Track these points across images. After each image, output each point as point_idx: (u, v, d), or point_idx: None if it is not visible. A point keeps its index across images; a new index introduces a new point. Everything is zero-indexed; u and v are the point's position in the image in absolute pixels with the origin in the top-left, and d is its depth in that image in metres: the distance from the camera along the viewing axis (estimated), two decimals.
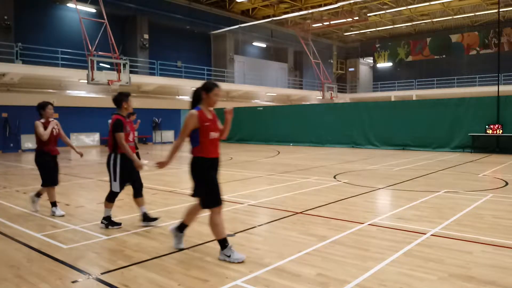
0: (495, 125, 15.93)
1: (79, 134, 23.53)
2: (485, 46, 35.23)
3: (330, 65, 42.09)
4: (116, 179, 5.23)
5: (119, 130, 5.15)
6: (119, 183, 5.25)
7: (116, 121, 5.21)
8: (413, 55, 39.24)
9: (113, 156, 5.24)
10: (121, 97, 5.39)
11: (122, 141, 5.12)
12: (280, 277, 3.63)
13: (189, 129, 4.06)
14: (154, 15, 27.24)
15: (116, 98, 5.40)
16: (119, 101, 5.38)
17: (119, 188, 5.27)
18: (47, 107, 6.41)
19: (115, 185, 5.25)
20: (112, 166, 5.23)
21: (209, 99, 4.17)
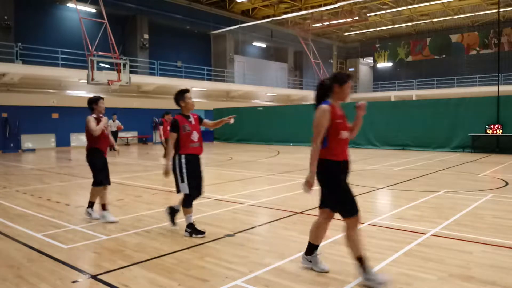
0: (495, 125, 15.93)
1: (79, 134, 23.50)
2: (485, 46, 35.22)
3: (330, 65, 42.07)
4: (183, 180, 4.90)
5: (172, 130, 4.90)
6: (187, 184, 4.91)
7: (172, 121, 4.96)
8: (413, 55, 39.23)
9: (178, 157, 4.95)
10: (178, 96, 5.08)
11: (171, 141, 4.91)
12: (280, 277, 3.63)
13: (324, 128, 3.49)
14: (154, 15, 27.24)
15: (174, 97, 5.11)
16: (177, 100, 5.08)
17: (188, 189, 4.91)
18: (99, 101, 6.14)
19: (184, 186, 4.91)
20: (178, 168, 4.93)
21: (342, 93, 3.63)
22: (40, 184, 9.46)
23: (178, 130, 4.89)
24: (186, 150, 4.91)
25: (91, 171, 6.11)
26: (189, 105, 5.03)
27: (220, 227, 5.37)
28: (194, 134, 4.98)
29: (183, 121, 4.96)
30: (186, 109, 5.04)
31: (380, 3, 30.00)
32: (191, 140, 4.95)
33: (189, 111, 5.07)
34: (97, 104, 6.11)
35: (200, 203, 6.97)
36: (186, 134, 4.91)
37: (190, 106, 5.04)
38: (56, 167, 13.54)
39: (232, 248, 4.49)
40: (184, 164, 4.88)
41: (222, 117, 5.40)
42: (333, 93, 3.61)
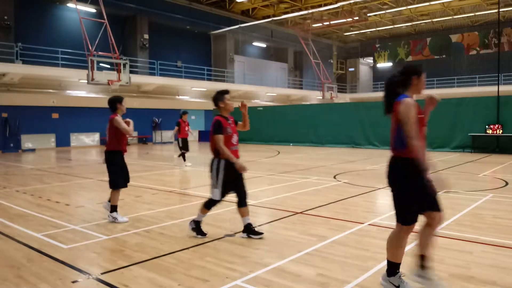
0: (495, 125, 15.93)
1: (79, 134, 23.53)
2: (485, 46, 35.22)
3: (330, 65, 42.08)
4: (217, 186, 4.71)
5: (217, 132, 4.69)
6: (220, 191, 4.72)
7: (215, 122, 4.76)
8: (413, 55, 39.23)
9: (217, 161, 4.76)
10: (217, 96, 4.87)
11: (220, 144, 4.67)
12: (280, 277, 3.63)
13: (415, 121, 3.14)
14: (154, 15, 27.24)
15: (213, 97, 4.92)
16: (216, 100, 4.88)
17: (219, 196, 4.74)
18: (123, 101, 5.86)
19: (216, 192, 4.74)
20: (215, 172, 4.74)
21: (421, 84, 3.37)
22: (40, 184, 9.46)
23: (222, 132, 4.70)
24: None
25: (111, 172, 5.81)
26: (229, 106, 4.86)
27: (220, 227, 5.37)
28: (234, 137, 4.84)
29: (225, 123, 4.80)
30: (226, 110, 4.87)
31: (380, 3, 30.00)
32: (231, 143, 4.79)
33: (228, 112, 4.90)
34: (121, 103, 5.82)
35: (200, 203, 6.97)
36: (227, 137, 4.74)
37: (230, 107, 4.87)
38: (56, 167, 13.54)
39: (232, 248, 4.49)
40: (223, 170, 4.68)
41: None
42: (411, 85, 3.33)
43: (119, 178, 5.80)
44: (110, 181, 5.81)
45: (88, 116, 23.34)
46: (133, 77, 21.13)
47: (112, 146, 5.78)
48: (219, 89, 5.13)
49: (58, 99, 22.40)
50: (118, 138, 5.75)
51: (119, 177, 5.80)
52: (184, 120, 13.00)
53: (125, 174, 5.91)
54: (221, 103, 4.85)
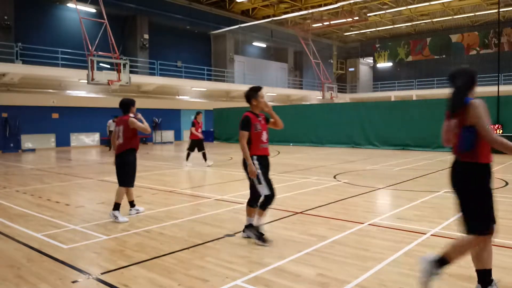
0: (495, 125, 15.92)
1: (79, 134, 23.53)
2: (485, 46, 35.22)
3: (330, 65, 42.08)
4: (261, 181, 4.57)
5: (244, 128, 4.59)
6: (266, 185, 4.59)
7: (244, 118, 4.65)
8: (413, 55, 39.23)
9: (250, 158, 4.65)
10: (250, 93, 4.76)
11: (242, 140, 4.57)
12: (280, 277, 3.63)
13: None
14: (154, 15, 27.25)
15: (245, 95, 4.80)
16: (247, 98, 4.78)
17: (267, 189, 4.59)
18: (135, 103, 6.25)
19: (262, 188, 4.58)
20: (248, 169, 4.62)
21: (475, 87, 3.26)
22: (40, 184, 9.46)
23: (250, 128, 4.60)
24: (257, 151, 4.65)
25: (125, 171, 5.97)
26: (262, 104, 4.75)
27: (220, 227, 5.37)
28: (264, 134, 4.73)
29: (255, 119, 4.68)
30: (257, 108, 4.76)
31: (380, 3, 30.00)
32: (261, 141, 4.68)
33: (259, 110, 4.79)
34: (134, 105, 6.17)
35: (200, 203, 6.98)
36: (257, 134, 4.64)
37: (263, 105, 4.75)
38: (56, 167, 13.54)
39: (232, 248, 4.49)
40: (257, 164, 4.60)
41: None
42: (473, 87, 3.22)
43: (131, 177, 6.03)
44: (122, 179, 5.97)
45: (88, 116, 23.35)
46: (133, 77, 21.14)
47: (127, 146, 5.97)
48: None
49: (58, 99, 22.40)
50: (132, 138, 6.00)
51: (131, 176, 6.04)
52: (199, 121, 12.81)
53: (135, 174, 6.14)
54: (253, 100, 4.73)
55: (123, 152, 5.96)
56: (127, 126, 5.94)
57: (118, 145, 6.02)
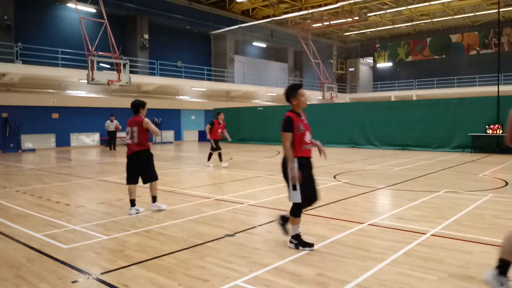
0: (495, 125, 15.93)
1: (79, 134, 23.52)
2: (485, 46, 35.23)
3: (330, 65, 42.08)
4: (296, 188, 4.31)
5: (286, 130, 4.34)
6: (300, 192, 4.31)
7: (286, 118, 4.39)
8: (413, 55, 39.24)
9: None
10: (289, 92, 4.51)
11: (285, 142, 4.34)
12: (280, 277, 3.63)
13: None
14: (154, 15, 27.25)
15: (285, 94, 4.56)
16: (287, 97, 4.52)
17: (300, 197, 4.32)
18: (146, 105, 6.46)
19: (295, 195, 4.32)
20: (290, 173, 4.36)
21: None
22: (40, 184, 9.46)
23: (293, 129, 4.34)
24: (299, 152, 4.37)
25: (149, 168, 6.39)
26: (302, 103, 4.48)
27: (220, 227, 5.37)
28: (307, 135, 4.45)
29: (297, 119, 4.41)
30: (298, 106, 4.49)
31: (380, 3, 30.00)
32: (304, 142, 4.41)
33: (301, 108, 4.53)
34: (144, 108, 6.42)
35: (200, 203, 6.98)
36: (300, 135, 4.37)
37: (303, 104, 4.49)
38: (56, 167, 13.54)
39: (232, 248, 4.49)
40: (297, 169, 4.33)
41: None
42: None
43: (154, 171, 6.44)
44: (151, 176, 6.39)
45: (88, 116, 23.34)
46: (133, 77, 21.12)
47: (144, 145, 6.28)
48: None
49: (58, 99, 22.40)
50: (146, 139, 6.30)
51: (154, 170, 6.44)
52: (220, 121, 12.53)
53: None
54: (293, 100, 4.47)
55: (137, 152, 6.25)
56: (141, 127, 6.18)
57: (131, 144, 6.26)
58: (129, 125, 6.31)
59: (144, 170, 6.34)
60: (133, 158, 6.30)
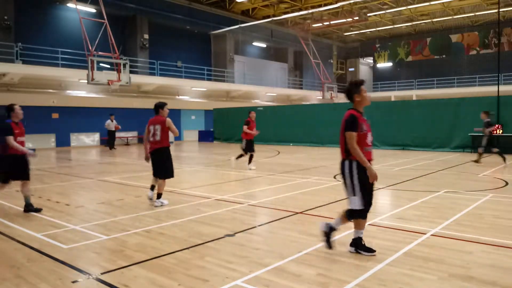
0: (495, 125, 15.92)
1: (79, 134, 23.52)
2: (485, 46, 35.23)
3: (330, 65, 42.08)
4: (355, 193, 4.04)
5: (352, 128, 4.01)
6: (360, 198, 4.04)
7: (349, 116, 4.08)
8: (413, 55, 39.24)
9: (348, 163, 4.09)
10: (351, 88, 4.19)
11: (352, 142, 3.99)
12: (280, 277, 3.63)
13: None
14: (154, 15, 27.25)
15: (346, 90, 4.26)
16: (349, 94, 4.20)
17: (361, 203, 4.05)
18: (165, 106, 6.88)
19: (355, 200, 4.06)
20: (348, 176, 4.08)
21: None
22: (40, 184, 9.46)
23: (358, 128, 4.03)
24: None
25: (168, 165, 6.83)
26: (366, 100, 4.17)
27: (220, 227, 5.37)
28: (369, 136, 4.14)
29: (361, 118, 4.11)
30: (362, 104, 4.18)
31: (380, 3, 30.00)
32: (366, 143, 4.09)
33: (363, 106, 4.20)
34: (163, 108, 6.86)
35: (200, 203, 6.98)
36: (362, 136, 4.06)
37: (367, 101, 4.18)
38: (56, 167, 13.54)
39: (232, 248, 4.49)
40: (356, 173, 4.03)
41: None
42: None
43: (171, 170, 6.87)
44: (165, 172, 6.78)
45: (88, 116, 23.34)
46: (133, 77, 21.14)
47: (164, 143, 6.75)
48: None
49: (58, 99, 22.39)
50: (167, 136, 6.77)
51: (171, 169, 6.87)
52: (252, 119, 12.03)
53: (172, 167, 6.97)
54: (356, 96, 4.15)
55: (159, 148, 6.73)
56: (164, 126, 6.68)
57: (154, 141, 6.74)
58: (152, 124, 6.78)
59: (162, 166, 6.78)
60: (153, 154, 6.80)
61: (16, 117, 6.33)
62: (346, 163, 4.11)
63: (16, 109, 6.36)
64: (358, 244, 4.19)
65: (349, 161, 4.08)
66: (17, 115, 6.34)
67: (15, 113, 6.33)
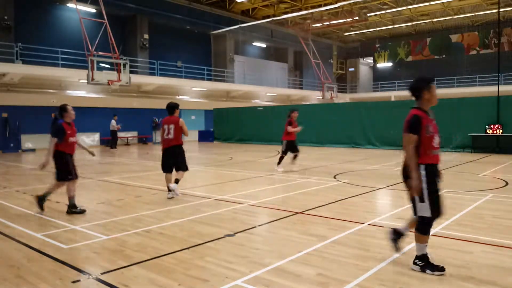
0: (495, 125, 15.92)
1: (79, 134, 23.29)
2: (485, 46, 35.22)
3: (330, 65, 42.07)
4: (424, 200, 3.66)
5: (413, 131, 3.71)
6: (429, 205, 3.66)
7: (413, 117, 3.75)
8: (413, 55, 39.23)
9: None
10: (421, 84, 3.79)
11: (409, 145, 3.72)
12: (280, 277, 3.63)
13: None
14: (154, 15, 27.24)
15: (413, 86, 3.83)
16: (418, 90, 3.79)
17: (430, 211, 3.66)
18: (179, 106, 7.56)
19: (423, 207, 3.67)
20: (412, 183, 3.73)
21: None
22: (40, 184, 9.46)
23: (420, 131, 3.70)
24: (427, 158, 3.72)
25: (184, 160, 7.51)
26: (434, 99, 3.78)
27: (220, 227, 5.37)
28: (435, 139, 3.77)
29: (427, 119, 3.74)
30: (430, 102, 3.79)
31: (380, 3, 30.00)
32: (432, 146, 3.74)
33: (429, 106, 3.82)
34: (178, 108, 7.53)
35: (200, 203, 6.98)
36: (428, 138, 3.71)
37: (436, 99, 3.79)
38: None
39: (232, 248, 4.49)
40: (425, 178, 3.68)
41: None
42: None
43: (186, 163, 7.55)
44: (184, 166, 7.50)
45: (88, 116, 23.32)
46: (133, 77, 21.13)
47: (179, 141, 7.41)
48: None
49: (58, 99, 22.37)
50: (180, 135, 7.38)
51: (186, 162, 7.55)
52: (294, 118, 11.45)
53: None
54: (426, 93, 3.75)
55: (173, 146, 7.36)
56: (178, 126, 7.29)
57: (168, 139, 7.36)
58: (166, 123, 7.39)
59: (179, 161, 7.44)
60: (169, 151, 7.42)
61: (68, 118, 6.38)
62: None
63: (69, 109, 6.39)
64: (424, 262, 3.72)
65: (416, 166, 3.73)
66: (69, 115, 6.39)
67: (68, 113, 6.37)
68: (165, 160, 7.54)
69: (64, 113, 6.37)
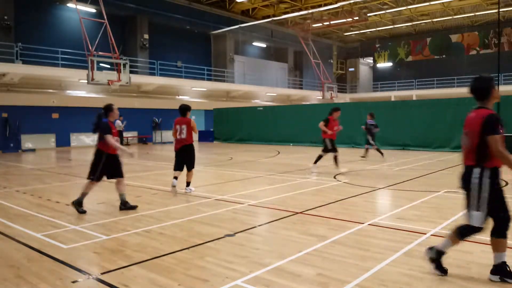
0: None
1: (79, 134, 23.51)
2: (485, 46, 35.22)
3: (330, 65, 42.07)
4: (480, 208, 3.39)
5: (496, 131, 3.36)
6: (483, 214, 3.40)
7: (490, 118, 3.43)
8: (413, 55, 39.23)
9: (479, 171, 3.41)
10: (488, 82, 3.62)
11: (498, 146, 3.31)
12: (280, 277, 3.63)
13: None
14: (154, 15, 27.24)
15: (482, 87, 3.63)
16: (487, 90, 3.59)
17: (481, 221, 3.40)
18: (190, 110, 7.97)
19: (477, 216, 3.41)
20: (476, 187, 3.40)
21: None
22: (40, 184, 9.46)
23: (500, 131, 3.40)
24: (494, 161, 3.40)
25: (193, 159, 7.94)
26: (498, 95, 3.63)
27: (220, 227, 5.37)
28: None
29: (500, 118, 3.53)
30: (494, 101, 3.62)
31: (380, 3, 30.00)
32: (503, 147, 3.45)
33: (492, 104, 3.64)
34: (190, 110, 7.97)
35: (200, 203, 6.98)
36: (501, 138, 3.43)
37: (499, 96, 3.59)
38: (56, 167, 13.54)
39: (232, 248, 4.49)
40: (489, 184, 3.37)
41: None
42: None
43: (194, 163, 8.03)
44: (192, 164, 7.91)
45: (88, 116, 23.22)
46: (133, 77, 21.12)
47: (190, 140, 7.86)
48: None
49: (58, 99, 22.40)
50: (191, 135, 7.83)
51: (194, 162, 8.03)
52: (335, 119, 11.09)
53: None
54: (494, 91, 3.56)
55: (186, 145, 7.81)
56: (189, 126, 7.76)
57: (181, 139, 7.80)
58: (178, 124, 7.82)
59: (190, 160, 7.87)
60: (182, 150, 7.85)
61: (112, 117, 6.48)
62: (475, 171, 3.43)
63: (114, 109, 6.52)
64: (504, 270, 3.44)
65: (480, 169, 3.41)
66: (114, 115, 6.51)
67: (113, 113, 6.49)
68: (179, 159, 7.93)
69: (109, 113, 6.46)
